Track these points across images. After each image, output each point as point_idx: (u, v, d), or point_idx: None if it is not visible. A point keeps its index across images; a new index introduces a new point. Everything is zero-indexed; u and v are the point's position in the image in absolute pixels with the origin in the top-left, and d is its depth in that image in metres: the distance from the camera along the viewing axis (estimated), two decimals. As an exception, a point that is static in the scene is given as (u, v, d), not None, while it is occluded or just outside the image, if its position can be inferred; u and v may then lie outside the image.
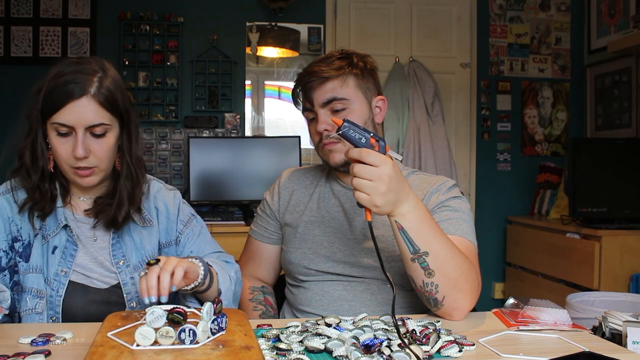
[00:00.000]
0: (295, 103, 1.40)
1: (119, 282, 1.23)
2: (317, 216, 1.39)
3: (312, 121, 1.36)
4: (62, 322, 1.17)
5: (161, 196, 1.35)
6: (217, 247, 1.40)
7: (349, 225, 1.36)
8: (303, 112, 1.38)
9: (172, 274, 1.03)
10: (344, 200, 1.39)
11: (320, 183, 1.45)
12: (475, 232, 1.31)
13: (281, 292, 1.53)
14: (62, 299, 1.17)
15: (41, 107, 1.14)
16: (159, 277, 1.01)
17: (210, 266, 1.21)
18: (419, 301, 1.25)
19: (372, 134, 1.04)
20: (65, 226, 1.21)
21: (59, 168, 1.20)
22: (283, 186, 1.48)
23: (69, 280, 1.19)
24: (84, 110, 1.13)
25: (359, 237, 1.34)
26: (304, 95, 1.35)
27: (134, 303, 1.24)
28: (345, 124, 1.04)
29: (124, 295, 1.23)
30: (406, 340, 0.95)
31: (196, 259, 1.15)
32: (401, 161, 1.23)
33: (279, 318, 1.46)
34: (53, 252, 1.20)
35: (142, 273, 1.03)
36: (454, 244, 1.13)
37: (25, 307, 1.16)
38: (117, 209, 1.23)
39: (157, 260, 1.03)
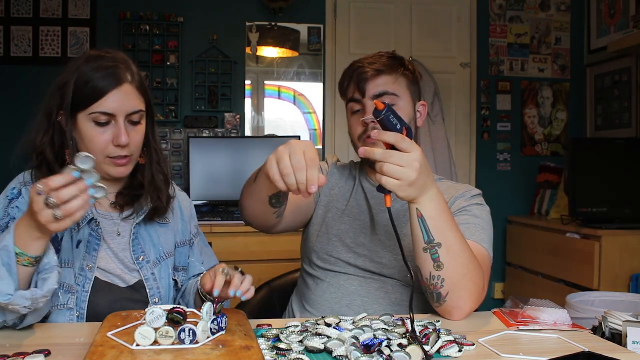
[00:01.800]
0: (342, 93, 1.40)
1: (141, 280, 1.22)
2: (347, 208, 1.42)
3: (355, 113, 1.36)
4: (86, 321, 1.15)
5: (176, 196, 1.36)
6: (216, 260, 1.43)
7: (373, 222, 1.38)
8: (348, 104, 1.38)
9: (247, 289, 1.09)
10: (371, 197, 1.41)
11: (351, 178, 1.48)
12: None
13: (288, 291, 1.53)
14: (88, 295, 1.16)
15: (73, 99, 1.12)
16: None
17: None
18: (423, 301, 1.25)
19: (405, 124, 1.05)
20: (90, 221, 1.20)
21: None
22: (331, 172, 1.50)
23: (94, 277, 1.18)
24: (126, 97, 1.13)
25: (381, 234, 1.36)
26: (355, 86, 1.34)
27: (157, 299, 1.23)
28: (387, 107, 1.03)
29: (147, 292, 1.22)
30: (406, 340, 0.95)
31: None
32: None
33: (286, 312, 1.48)
34: (77, 247, 1.18)
35: (226, 271, 1.07)
36: (466, 242, 1.14)
37: (57, 302, 1.14)
38: (157, 196, 1.24)
39: (242, 271, 1.09)
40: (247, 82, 3.58)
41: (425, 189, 1.07)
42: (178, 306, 0.95)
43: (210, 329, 0.89)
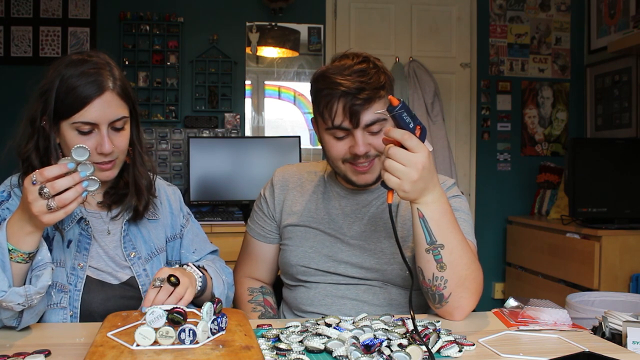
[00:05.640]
0: (321, 112, 1.24)
1: (133, 277, 1.23)
2: (317, 216, 1.39)
3: (341, 139, 1.25)
4: (79, 319, 1.15)
5: (163, 191, 1.37)
6: (213, 246, 1.43)
7: (349, 228, 1.36)
8: (331, 129, 1.24)
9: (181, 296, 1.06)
10: (344, 204, 1.38)
11: (318, 183, 1.43)
12: (475, 232, 1.31)
13: (279, 292, 1.53)
14: (80, 293, 1.16)
15: (55, 108, 1.11)
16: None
17: (206, 271, 1.23)
18: (421, 300, 1.25)
19: (419, 122, 1.04)
20: (80, 220, 1.20)
21: None
22: (277, 185, 1.46)
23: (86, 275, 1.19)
24: (108, 106, 1.12)
25: (359, 240, 1.34)
26: (346, 114, 1.20)
27: None
28: (401, 103, 1.01)
29: (140, 287, 1.22)
30: (406, 340, 0.95)
31: (195, 268, 1.18)
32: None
33: (278, 318, 1.46)
34: (68, 246, 1.19)
35: (157, 283, 1.04)
36: (467, 243, 1.14)
37: (50, 302, 1.14)
38: (137, 198, 1.24)
39: (177, 282, 1.04)
40: (247, 82, 3.58)
41: (427, 190, 1.07)
42: (178, 306, 0.95)
43: (210, 329, 0.89)
